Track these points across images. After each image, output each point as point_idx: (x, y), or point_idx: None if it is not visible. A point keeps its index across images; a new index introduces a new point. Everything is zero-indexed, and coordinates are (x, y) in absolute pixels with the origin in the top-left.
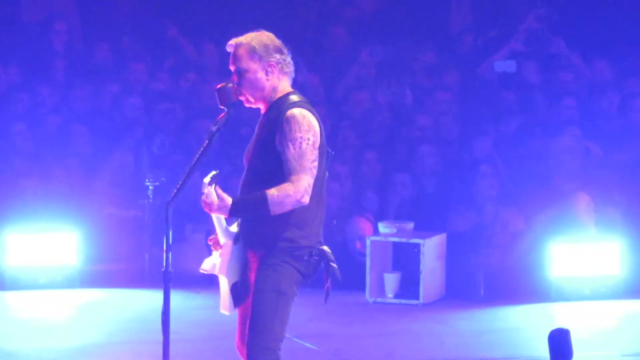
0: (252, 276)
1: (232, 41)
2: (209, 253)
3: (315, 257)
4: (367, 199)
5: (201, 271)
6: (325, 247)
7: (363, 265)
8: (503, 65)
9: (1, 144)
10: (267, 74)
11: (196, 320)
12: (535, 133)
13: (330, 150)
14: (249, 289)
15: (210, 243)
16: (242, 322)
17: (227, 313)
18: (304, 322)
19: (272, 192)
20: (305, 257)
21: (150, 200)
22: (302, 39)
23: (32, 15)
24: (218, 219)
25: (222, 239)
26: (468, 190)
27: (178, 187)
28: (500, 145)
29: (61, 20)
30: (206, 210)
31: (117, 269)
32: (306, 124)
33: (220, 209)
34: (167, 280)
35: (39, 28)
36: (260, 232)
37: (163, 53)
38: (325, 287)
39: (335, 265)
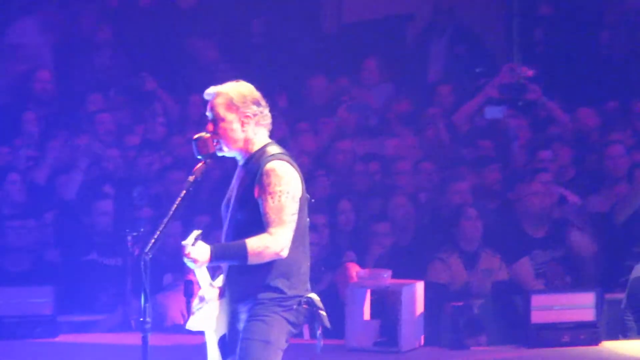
0: (241, 328)
1: (211, 89)
2: (190, 311)
3: (304, 306)
4: (345, 254)
5: (188, 328)
6: (313, 295)
7: (343, 312)
8: (493, 111)
9: None
10: (242, 125)
11: None
12: (510, 180)
13: (310, 198)
14: (237, 341)
15: (194, 309)
16: None
17: None
18: None
19: (252, 242)
20: (294, 307)
21: (130, 250)
22: (281, 89)
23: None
24: (202, 275)
25: (207, 294)
26: (447, 237)
27: (156, 237)
28: (477, 191)
29: (37, 71)
30: (193, 265)
31: (96, 319)
32: (286, 177)
33: (202, 259)
34: (145, 330)
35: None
36: (248, 283)
37: (142, 104)
38: (317, 336)
39: (324, 313)
